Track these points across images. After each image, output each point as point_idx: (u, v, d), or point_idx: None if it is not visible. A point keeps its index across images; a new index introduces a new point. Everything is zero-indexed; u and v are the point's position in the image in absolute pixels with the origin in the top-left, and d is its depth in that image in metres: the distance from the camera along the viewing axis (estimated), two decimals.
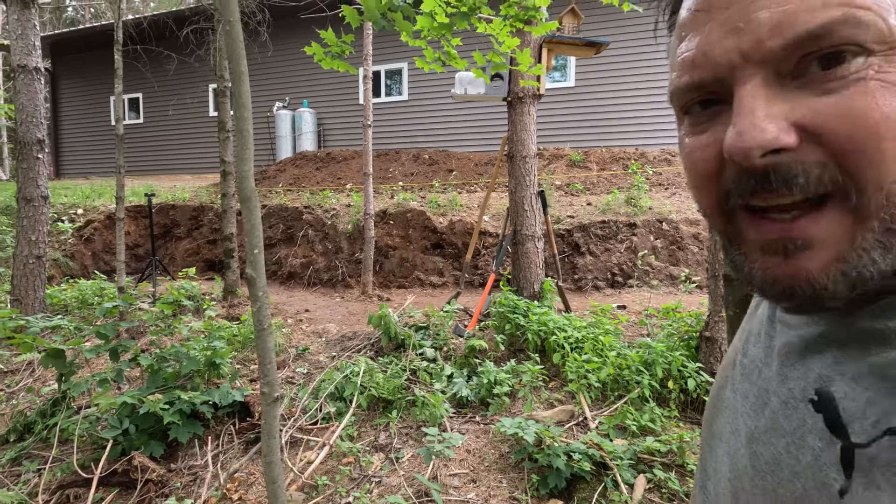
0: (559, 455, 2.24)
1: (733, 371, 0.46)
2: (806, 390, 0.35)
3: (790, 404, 0.36)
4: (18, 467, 2.55)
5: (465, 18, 2.47)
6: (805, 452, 0.33)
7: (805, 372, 0.36)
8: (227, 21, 1.07)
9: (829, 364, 0.34)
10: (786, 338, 0.39)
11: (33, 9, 4.19)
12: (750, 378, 0.43)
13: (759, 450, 0.38)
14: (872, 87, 0.28)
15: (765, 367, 0.41)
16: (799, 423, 0.34)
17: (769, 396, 0.39)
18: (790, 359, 0.38)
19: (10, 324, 3.03)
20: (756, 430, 0.39)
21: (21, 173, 4.29)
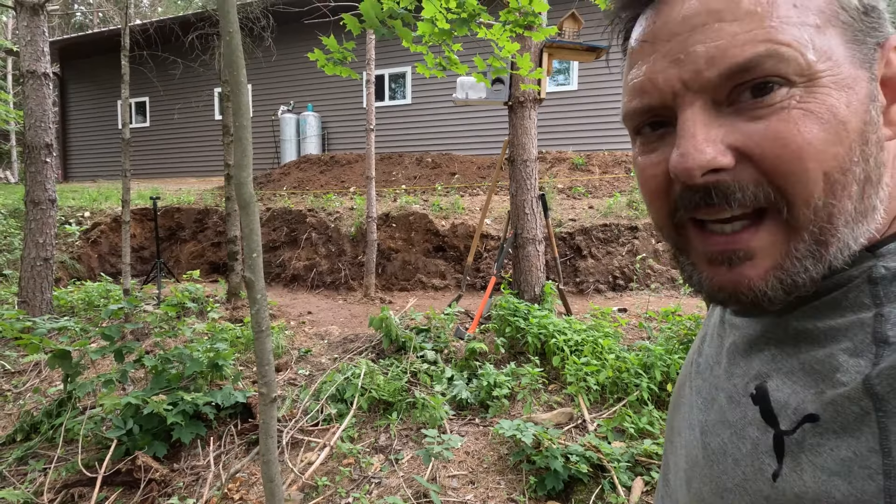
0: (557, 457, 2.26)
1: (691, 369, 0.50)
2: (748, 386, 0.38)
3: (734, 398, 0.39)
4: (25, 466, 2.60)
5: (465, 24, 2.50)
6: (745, 442, 0.36)
7: (747, 369, 0.39)
8: (226, 32, 1.10)
9: (768, 361, 0.37)
10: (733, 338, 0.43)
11: (42, 15, 4.27)
12: (703, 375, 0.46)
13: (708, 441, 0.41)
14: (795, 115, 0.31)
15: (716, 364, 0.45)
16: (741, 416, 0.38)
17: (718, 392, 0.42)
18: (736, 357, 0.42)
19: (17, 325, 3.08)
20: (707, 423, 0.42)
21: (29, 177, 4.36)
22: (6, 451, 2.74)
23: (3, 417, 3.20)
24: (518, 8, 2.64)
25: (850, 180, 0.32)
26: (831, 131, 0.31)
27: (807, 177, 0.32)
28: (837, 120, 0.31)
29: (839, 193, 0.32)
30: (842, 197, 0.32)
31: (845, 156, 0.32)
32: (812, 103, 0.31)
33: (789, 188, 0.32)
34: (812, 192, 0.32)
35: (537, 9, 2.52)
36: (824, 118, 0.31)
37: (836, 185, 0.32)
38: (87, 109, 13.71)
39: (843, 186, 0.32)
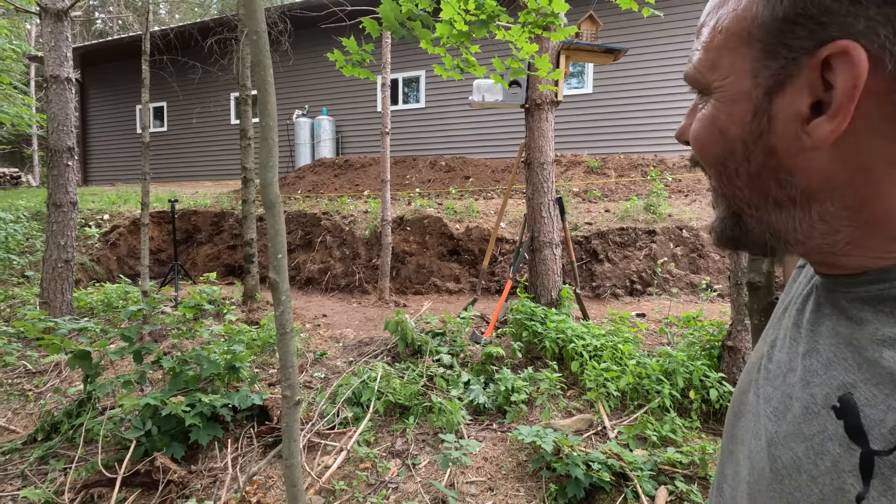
0: (578, 464, 2.21)
1: (758, 375, 0.47)
2: (829, 396, 0.35)
3: (812, 410, 0.36)
4: (45, 466, 2.62)
5: (484, 26, 2.49)
6: (824, 458, 0.34)
7: (828, 378, 0.36)
8: (253, 31, 1.09)
9: (852, 370, 0.34)
10: (810, 343, 0.40)
11: (66, 21, 4.35)
12: (773, 382, 0.43)
13: (778, 454, 0.38)
14: (699, 116, 0.41)
15: (789, 371, 0.41)
16: (820, 429, 0.35)
17: (792, 402, 0.39)
18: (814, 364, 0.39)
19: (39, 325, 3.12)
20: (777, 434, 0.39)
21: (51, 180, 4.43)
22: (27, 451, 2.77)
23: (25, 417, 3.24)
24: (537, 9, 2.62)
25: (733, 174, 0.39)
26: (712, 134, 0.39)
27: (704, 162, 0.42)
28: (716, 127, 0.39)
29: (725, 182, 0.40)
30: (730, 185, 0.40)
31: (723, 155, 0.39)
32: (704, 110, 0.40)
33: (703, 166, 0.43)
34: (710, 173, 0.42)
35: (557, 9, 2.49)
36: (707, 123, 0.40)
37: (722, 175, 0.40)
38: (107, 114, 13.98)
39: (727, 178, 0.40)
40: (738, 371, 2.90)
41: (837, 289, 0.39)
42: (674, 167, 7.60)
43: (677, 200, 6.58)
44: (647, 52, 8.41)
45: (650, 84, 8.56)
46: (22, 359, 3.87)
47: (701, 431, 2.70)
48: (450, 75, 2.78)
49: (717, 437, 2.69)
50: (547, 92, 4.06)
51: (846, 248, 0.37)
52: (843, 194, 0.35)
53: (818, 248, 0.38)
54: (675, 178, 7.22)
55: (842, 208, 0.35)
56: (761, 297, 1.90)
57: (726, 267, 5.31)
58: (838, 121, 0.32)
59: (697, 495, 2.14)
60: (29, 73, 15.72)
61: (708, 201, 6.40)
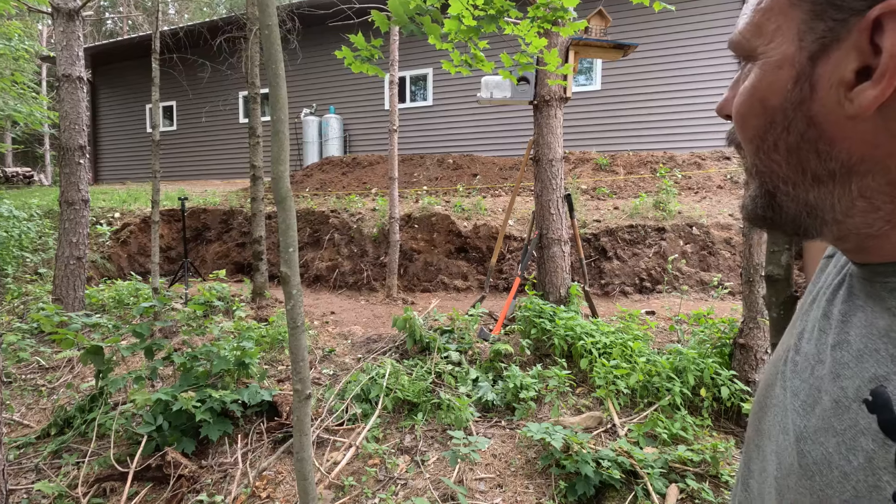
0: (588, 462, 2.20)
1: (784, 367, 0.45)
2: (860, 390, 0.34)
3: (842, 403, 0.35)
4: (59, 460, 2.65)
5: (492, 21, 2.47)
6: (857, 454, 0.33)
7: (859, 371, 0.35)
8: (265, 25, 1.09)
9: (885, 362, 0.33)
10: (840, 335, 0.39)
11: (77, 21, 4.39)
12: (801, 375, 0.42)
13: (807, 449, 0.37)
14: (741, 86, 0.40)
15: (818, 364, 0.40)
16: (851, 424, 0.34)
17: (821, 395, 0.38)
18: (844, 356, 0.37)
19: (54, 319, 3.16)
20: (806, 428, 0.38)
21: (63, 178, 4.48)
22: (41, 445, 2.81)
23: (38, 412, 3.28)
24: (546, 3, 2.60)
25: (771, 147, 0.38)
26: (753, 105, 0.38)
27: (743, 136, 0.40)
28: (756, 97, 0.38)
29: (763, 157, 0.39)
30: (767, 160, 0.38)
31: (763, 127, 0.38)
32: (747, 79, 0.39)
33: (741, 142, 0.41)
34: (748, 149, 0.40)
35: (566, 3, 2.47)
36: (749, 93, 0.38)
37: (759, 149, 0.39)
38: (117, 113, 14.12)
39: (765, 151, 0.38)
40: (750, 368, 2.87)
41: (875, 278, 0.38)
42: (683, 164, 7.53)
43: (687, 197, 6.52)
44: (656, 48, 8.34)
45: (659, 80, 8.49)
46: (35, 355, 3.92)
47: (712, 429, 2.68)
48: (458, 71, 2.77)
49: (728, 435, 2.66)
50: (556, 88, 4.04)
51: (885, 227, 0.35)
52: (886, 168, 0.33)
53: (855, 227, 0.37)
54: (685, 174, 7.16)
55: (884, 183, 0.34)
56: (780, 290, 1.88)
57: (737, 264, 5.25)
58: (883, 86, 0.31)
59: (709, 493, 2.12)
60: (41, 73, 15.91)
61: (717, 199, 6.34)
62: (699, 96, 8.17)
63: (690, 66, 8.21)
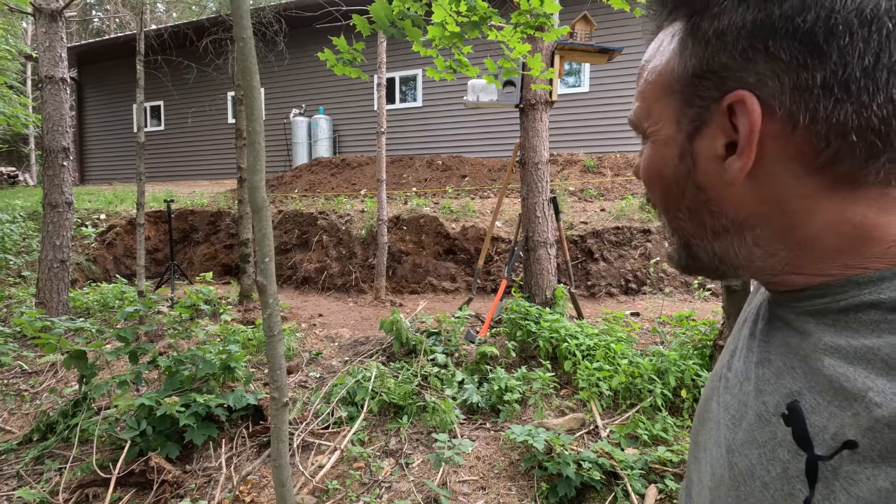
0: (569, 463, 2.23)
1: (719, 383, 0.49)
2: (779, 404, 0.37)
3: (763, 417, 0.38)
4: (41, 466, 2.63)
5: (476, 28, 2.50)
6: (775, 464, 0.35)
7: (778, 387, 0.38)
8: (239, 38, 1.10)
9: (800, 378, 0.36)
10: (763, 354, 0.43)
11: (60, 21, 4.35)
12: (732, 391, 0.45)
13: (735, 461, 0.40)
14: (643, 156, 0.45)
15: (745, 380, 0.43)
16: (771, 436, 0.37)
17: (747, 409, 0.41)
18: (766, 373, 0.41)
19: (36, 323, 3.13)
20: (734, 441, 0.41)
21: (46, 180, 4.43)
22: (23, 451, 2.79)
23: (21, 417, 3.25)
24: (529, 10, 2.63)
25: (674, 209, 0.43)
26: (652, 175, 0.43)
27: (652, 198, 0.46)
28: (654, 168, 0.43)
29: (671, 216, 0.44)
30: (675, 219, 0.43)
31: (664, 193, 0.43)
32: (645, 153, 0.44)
33: None
34: (659, 209, 0.46)
35: (549, 10, 2.50)
36: (647, 164, 0.44)
37: (667, 210, 0.44)
38: (104, 113, 13.96)
39: (671, 212, 0.43)
40: None
41: (786, 303, 0.41)
42: None
43: None
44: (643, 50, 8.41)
45: None
46: (18, 359, 3.88)
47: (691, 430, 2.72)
48: (442, 76, 2.79)
49: None
50: (541, 92, 4.08)
51: (785, 268, 0.39)
52: (769, 222, 0.38)
53: (760, 270, 0.41)
54: None
55: (772, 234, 0.38)
56: (737, 301, 1.93)
57: None
58: (744, 159, 0.36)
59: None
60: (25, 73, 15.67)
61: None
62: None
63: None
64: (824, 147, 0.34)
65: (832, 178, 0.35)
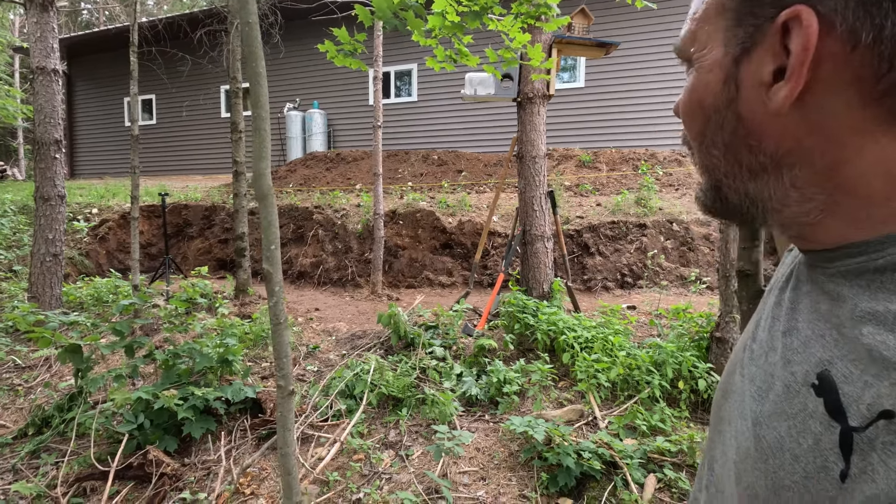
0: (569, 454, 2.25)
1: (743, 355, 0.47)
2: (808, 374, 0.35)
3: (793, 388, 0.37)
4: (37, 460, 2.61)
5: (477, 18, 2.48)
6: (806, 436, 0.34)
7: (807, 356, 0.37)
8: (244, 22, 1.09)
9: (830, 346, 0.35)
10: (790, 322, 0.41)
11: (52, 12, 4.28)
12: (757, 362, 0.44)
13: (762, 433, 0.38)
14: (686, 86, 0.43)
15: (770, 350, 0.42)
16: (801, 408, 0.35)
17: (774, 380, 0.39)
18: (794, 342, 0.39)
19: (30, 318, 3.09)
20: (761, 413, 0.39)
21: (38, 173, 4.37)
22: (18, 445, 2.76)
23: (15, 412, 3.21)
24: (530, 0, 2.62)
25: (710, 143, 0.41)
26: (693, 105, 0.41)
27: (689, 133, 0.43)
28: (695, 97, 0.41)
29: (705, 153, 0.42)
30: (708, 156, 0.41)
31: (702, 125, 0.41)
32: (688, 82, 0.42)
33: (689, 139, 0.44)
34: (693, 145, 0.43)
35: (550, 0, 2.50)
36: (689, 94, 0.42)
37: (701, 145, 0.42)
38: (94, 106, 13.78)
39: (706, 147, 0.41)
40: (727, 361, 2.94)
41: (817, 264, 0.39)
42: (664, 161, 7.65)
43: (668, 194, 6.63)
44: (640, 46, 8.43)
45: (642, 78, 8.59)
46: (11, 353, 3.84)
47: (689, 421, 2.75)
48: (442, 67, 2.78)
49: (704, 425, 2.73)
50: (539, 85, 4.07)
51: (820, 215, 0.37)
52: (810, 160, 0.36)
53: (794, 216, 0.39)
54: (666, 171, 7.27)
55: (811, 174, 0.36)
56: (750, 285, 1.96)
57: (715, 260, 5.37)
58: (792, 84, 0.34)
59: (685, 482, 2.18)
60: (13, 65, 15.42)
61: None
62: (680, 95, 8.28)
63: (672, 63, 8.33)
64: (886, 71, 0.31)
65: (889, 109, 0.32)
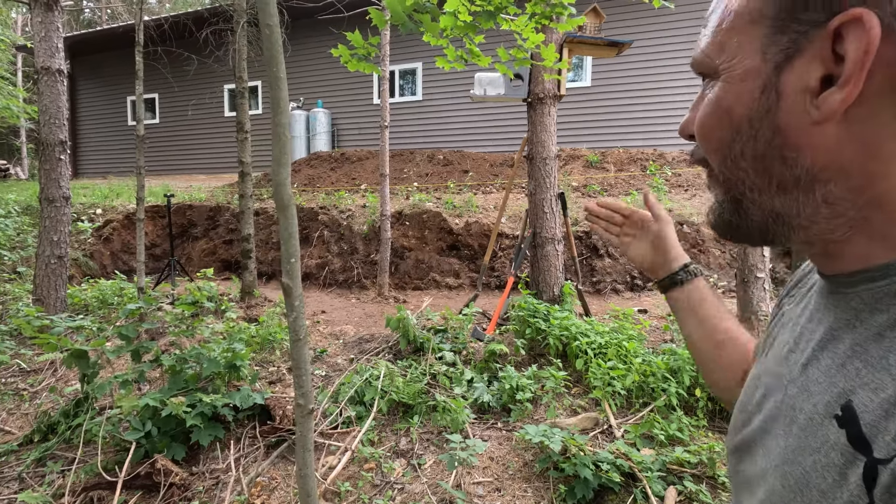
0: (587, 465, 2.19)
1: (757, 392, 0.47)
2: (829, 405, 0.34)
3: (815, 420, 0.35)
4: (43, 468, 2.56)
5: (490, 18, 2.43)
6: (831, 470, 0.33)
7: (828, 386, 0.35)
8: (265, 25, 1.04)
9: (853, 376, 0.34)
10: (811, 353, 0.39)
11: (56, 11, 4.23)
12: (776, 395, 0.43)
13: (788, 470, 0.37)
14: (705, 101, 0.41)
15: (790, 383, 0.41)
16: (824, 440, 0.34)
17: (796, 413, 0.38)
18: (815, 373, 0.38)
19: (35, 322, 3.05)
20: (785, 449, 0.38)
21: (43, 174, 4.33)
22: (24, 452, 2.71)
23: (20, 417, 3.18)
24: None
25: (738, 155, 0.38)
26: (719, 116, 0.39)
27: (707, 148, 0.42)
28: (722, 108, 0.39)
29: (730, 165, 0.39)
30: (733, 168, 0.39)
31: (729, 136, 0.39)
32: (711, 94, 0.40)
33: (705, 154, 0.42)
34: (713, 159, 0.41)
35: None
36: (714, 106, 0.40)
37: (726, 157, 0.40)
38: (97, 106, 13.75)
39: (732, 160, 0.39)
40: None
41: (838, 290, 0.38)
42: (673, 161, 7.57)
43: (677, 195, 6.56)
44: (647, 44, 8.35)
45: (650, 77, 8.51)
46: (16, 357, 3.80)
47: (707, 430, 2.69)
48: (452, 66, 2.72)
49: (723, 435, 2.67)
50: (550, 86, 4.01)
51: (848, 232, 0.36)
52: (847, 174, 0.34)
53: (820, 233, 0.37)
54: (675, 172, 7.20)
55: (846, 189, 0.35)
56: None
57: (727, 262, 5.30)
58: (849, 88, 0.32)
59: (706, 495, 2.13)
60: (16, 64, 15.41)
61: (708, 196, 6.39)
62: (689, 93, 8.21)
63: (681, 63, 8.25)
64: None
65: None
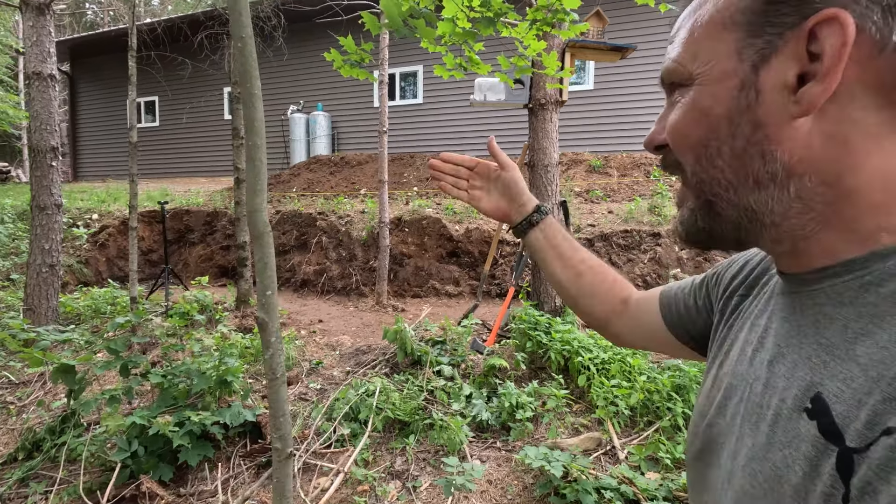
0: (588, 491, 2.10)
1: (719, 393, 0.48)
2: (798, 398, 0.35)
3: (783, 415, 0.36)
4: (25, 489, 2.48)
5: (490, 24, 2.34)
6: (802, 463, 0.32)
7: (795, 380, 0.36)
8: (238, 37, 0.94)
9: (819, 368, 0.34)
10: (774, 349, 0.40)
11: (48, 15, 4.15)
12: (741, 395, 0.43)
13: (757, 467, 0.37)
14: (678, 106, 0.42)
15: (755, 381, 0.41)
16: (794, 434, 0.34)
17: (763, 411, 0.38)
18: (780, 369, 0.38)
19: (21, 335, 2.97)
20: (753, 447, 0.38)
21: (35, 181, 4.25)
22: (7, 471, 2.63)
23: (7, 432, 3.09)
24: (547, 5, 2.47)
25: (715, 155, 0.39)
26: (694, 118, 0.40)
27: (681, 150, 0.42)
28: (698, 109, 0.40)
29: (705, 164, 0.40)
30: (708, 167, 0.40)
31: (705, 136, 0.39)
32: (684, 99, 0.41)
33: (678, 158, 0.43)
34: (688, 160, 0.42)
35: (568, 6, 2.35)
36: (688, 108, 0.40)
37: (701, 157, 0.40)
38: (97, 108, 13.71)
39: (707, 158, 0.40)
40: None
41: (802, 288, 0.39)
42: None
43: None
44: (650, 47, 8.25)
45: (652, 81, 8.41)
46: (4, 369, 3.72)
47: None
48: (451, 74, 2.63)
49: None
50: (551, 91, 3.92)
51: (817, 227, 0.36)
52: (821, 167, 0.35)
53: (791, 229, 0.38)
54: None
55: (818, 182, 0.35)
56: None
57: None
58: (828, 81, 0.33)
59: None
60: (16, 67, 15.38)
61: None
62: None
63: None
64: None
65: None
